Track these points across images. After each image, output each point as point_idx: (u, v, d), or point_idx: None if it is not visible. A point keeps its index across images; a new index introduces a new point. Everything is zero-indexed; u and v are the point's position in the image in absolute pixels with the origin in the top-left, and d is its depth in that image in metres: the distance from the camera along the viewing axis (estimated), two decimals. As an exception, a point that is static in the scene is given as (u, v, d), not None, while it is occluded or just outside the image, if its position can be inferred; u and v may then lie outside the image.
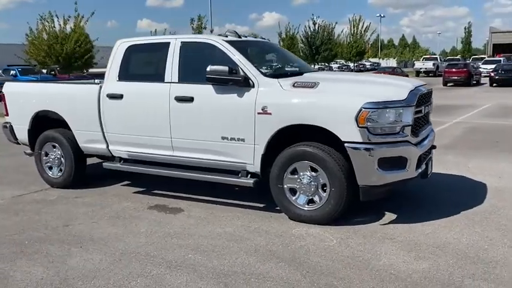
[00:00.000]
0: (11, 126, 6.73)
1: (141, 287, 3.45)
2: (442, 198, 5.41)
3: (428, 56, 50.92)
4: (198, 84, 5.13)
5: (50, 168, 6.45)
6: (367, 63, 56.91)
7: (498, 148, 8.42)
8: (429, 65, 41.70)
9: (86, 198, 5.87)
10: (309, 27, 35.87)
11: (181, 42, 5.31)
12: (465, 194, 5.57)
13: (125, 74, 5.63)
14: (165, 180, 6.23)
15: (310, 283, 3.42)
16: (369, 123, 4.23)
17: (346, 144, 4.32)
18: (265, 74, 4.86)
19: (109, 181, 6.59)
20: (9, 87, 6.77)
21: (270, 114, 4.62)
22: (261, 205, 5.32)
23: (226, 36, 5.36)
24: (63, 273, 3.71)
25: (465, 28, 69.52)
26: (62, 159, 6.29)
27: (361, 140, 4.27)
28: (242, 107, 4.78)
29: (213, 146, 5.05)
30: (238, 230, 4.58)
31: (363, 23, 39.70)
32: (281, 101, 4.60)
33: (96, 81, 7.78)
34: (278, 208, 5.08)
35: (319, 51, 34.05)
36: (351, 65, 49.09)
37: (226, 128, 4.92)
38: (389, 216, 4.83)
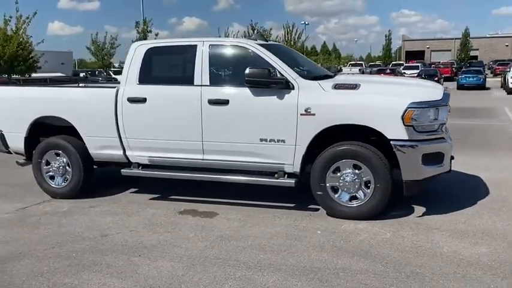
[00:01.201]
0: (2, 134, 6.22)
1: (236, 289, 3.44)
2: (453, 191, 5.85)
3: (354, 62, 53.75)
4: (232, 87, 5.14)
5: (52, 177, 6.04)
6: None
7: (468, 145, 9.20)
8: (356, 70, 44.01)
9: (101, 207, 5.59)
10: (249, 33, 36.40)
11: (210, 45, 5.28)
12: (469, 186, 6.08)
13: (146, 77, 5.47)
14: (174, 185, 6.13)
15: (397, 272, 3.61)
16: (413, 122, 4.53)
17: (392, 142, 4.58)
18: (303, 76, 4.99)
19: (113, 189, 6.29)
20: (-1, 92, 6.26)
21: (313, 115, 4.76)
22: (291, 204, 5.43)
23: (256, 40, 5.42)
24: (143, 282, 3.57)
25: (386, 36, 74.91)
26: (68, 167, 5.93)
27: (407, 138, 4.55)
28: (283, 109, 4.88)
29: (250, 148, 5.07)
30: (288, 229, 4.65)
31: (296, 30, 41.11)
32: (325, 102, 4.76)
33: (80, 85, 7.45)
34: (310, 206, 5.25)
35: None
36: None
37: (265, 130, 4.97)
38: (419, 209, 5.15)
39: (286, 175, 5.07)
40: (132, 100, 5.41)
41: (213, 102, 5.10)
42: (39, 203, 5.86)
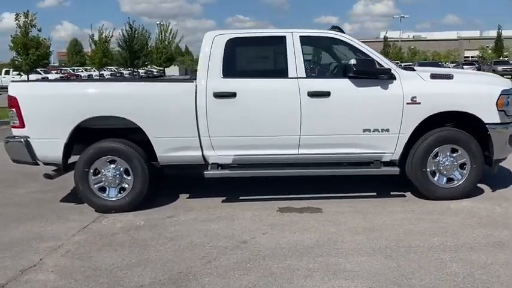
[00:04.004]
0: (27, 141, 5.07)
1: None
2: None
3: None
4: (330, 78, 5.10)
5: (102, 189, 5.15)
6: (154, 70, 56.97)
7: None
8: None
9: (183, 216, 4.99)
10: (126, 31, 34.32)
11: (300, 36, 5.12)
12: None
13: (231, 70, 5.07)
14: (216, 185, 5.81)
15: (559, 237, 4.12)
16: (504, 107, 5.11)
17: (488, 126, 5.08)
18: (401, 67, 5.20)
19: (157, 197, 5.56)
20: (25, 89, 5.13)
21: (419, 103, 5.00)
22: (374, 193, 5.58)
23: (340, 32, 5.42)
24: (382, 277, 3.42)
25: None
26: (125, 175, 5.12)
27: (499, 121, 5.10)
28: (388, 99, 5.02)
29: (350, 139, 5.09)
30: (410, 214, 4.82)
31: (171, 30, 40.17)
32: (429, 91, 5.04)
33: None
34: (393, 193, 5.52)
35: (138, 55, 32.86)
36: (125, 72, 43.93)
37: (370, 120, 5.05)
38: (484, 187, 5.71)
39: (381, 164, 5.23)
40: (219, 95, 4.95)
41: (314, 94, 4.98)
42: (94, 220, 4.96)
